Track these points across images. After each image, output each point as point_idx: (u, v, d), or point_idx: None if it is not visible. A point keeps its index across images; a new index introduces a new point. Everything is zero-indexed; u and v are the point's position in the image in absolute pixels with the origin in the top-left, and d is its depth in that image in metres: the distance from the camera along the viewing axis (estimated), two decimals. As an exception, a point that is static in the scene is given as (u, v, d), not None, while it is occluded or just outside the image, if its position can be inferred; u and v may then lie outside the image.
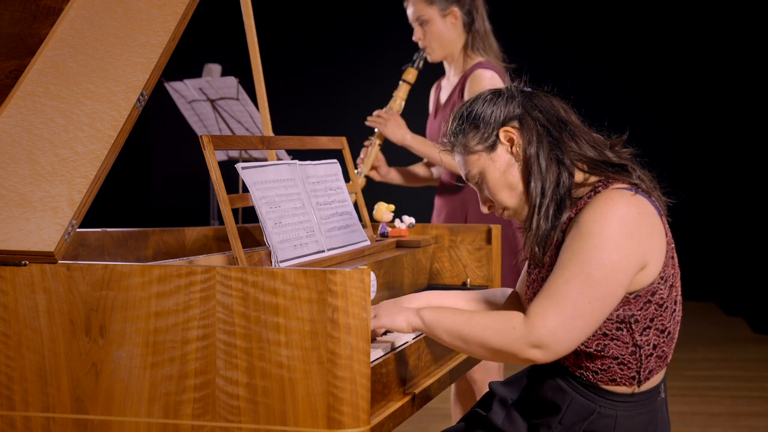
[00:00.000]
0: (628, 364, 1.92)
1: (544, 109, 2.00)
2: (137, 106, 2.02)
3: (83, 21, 2.20)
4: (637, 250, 1.87)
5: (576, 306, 1.83)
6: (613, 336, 1.91)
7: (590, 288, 1.83)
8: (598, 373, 1.94)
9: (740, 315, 7.62)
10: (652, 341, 1.93)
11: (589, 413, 1.94)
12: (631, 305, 1.89)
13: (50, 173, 1.97)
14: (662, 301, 1.92)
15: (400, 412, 1.96)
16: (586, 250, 1.85)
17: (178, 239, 2.85)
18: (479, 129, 2.02)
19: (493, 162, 2.02)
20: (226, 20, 5.85)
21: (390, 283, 2.55)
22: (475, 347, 1.90)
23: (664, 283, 1.92)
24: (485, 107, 2.03)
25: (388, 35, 8.09)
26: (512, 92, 2.04)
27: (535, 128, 1.98)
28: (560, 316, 1.83)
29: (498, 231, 2.90)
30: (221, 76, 5.32)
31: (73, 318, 1.84)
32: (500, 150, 2.02)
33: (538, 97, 2.03)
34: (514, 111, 2.00)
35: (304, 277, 1.74)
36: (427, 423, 4.68)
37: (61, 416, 1.85)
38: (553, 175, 1.95)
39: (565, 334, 1.83)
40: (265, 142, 2.43)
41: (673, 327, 1.96)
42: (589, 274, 1.83)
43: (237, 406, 1.77)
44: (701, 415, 4.85)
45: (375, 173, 3.68)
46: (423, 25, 3.52)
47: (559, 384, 1.97)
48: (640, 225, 1.88)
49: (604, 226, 1.86)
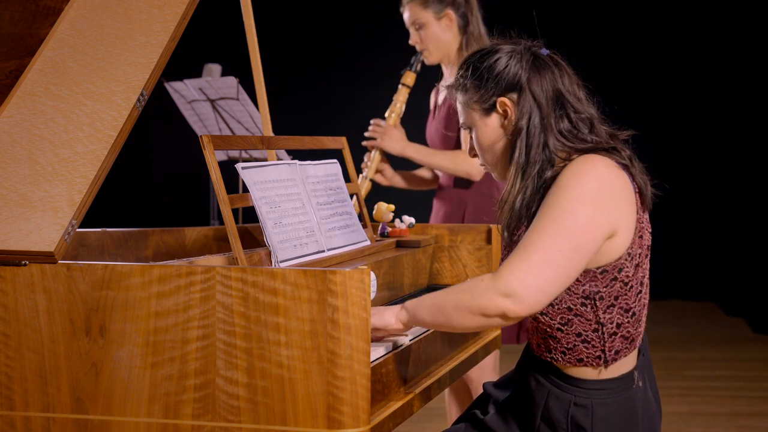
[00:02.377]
0: (592, 342, 1.94)
1: (545, 84, 1.99)
2: (137, 106, 2.02)
3: (83, 21, 2.20)
4: (611, 211, 1.88)
5: (546, 254, 1.83)
6: (577, 311, 1.93)
7: (561, 237, 1.83)
8: (565, 353, 1.96)
9: (740, 315, 7.62)
10: (616, 320, 1.94)
11: (567, 404, 1.95)
12: (597, 281, 1.91)
13: (50, 173, 1.97)
14: (627, 279, 1.93)
15: (400, 412, 1.96)
16: (561, 201, 1.86)
17: (178, 239, 2.85)
18: (480, 89, 2.03)
19: (485, 125, 2.05)
20: (226, 20, 5.85)
21: (390, 283, 2.55)
22: (451, 313, 1.90)
23: (631, 260, 1.93)
24: (494, 66, 2.02)
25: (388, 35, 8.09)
26: (524, 55, 2.02)
27: (532, 104, 1.98)
28: (528, 263, 1.83)
29: (498, 231, 2.90)
30: (221, 76, 5.32)
31: (73, 318, 1.84)
32: (494, 117, 2.03)
33: (545, 67, 2.01)
34: (517, 80, 1.99)
35: (304, 277, 1.74)
36: (427, 423, 4.69)
37: (61, 416, 1.85)
38: (536, 159, 1.96)
39: (533, 280, 1.82)
40: (265, 142, 2.43)
41: (638, 308, 1.97)
42: (561, 223, 1.84)
43: (237, 406, 1.77)
44: (701, 415, 4.85)
45: (380, 177, 3.68)
46: (419, 29, 3.54)
47: (537, 377, 2.00)
48: (617, 189, 1.90)
49: (581, 182, 1.87)
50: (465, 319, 1.90)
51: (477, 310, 1.87)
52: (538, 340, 2.02)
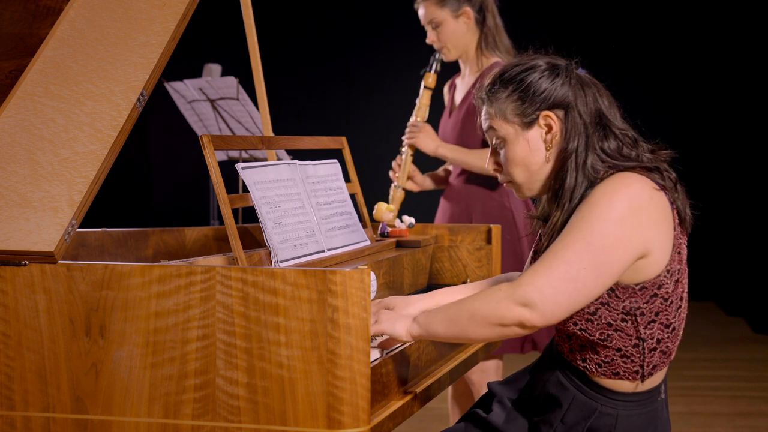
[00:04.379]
0: (632, 357, 1.91)
1: (589, 103, 1.95)
2: (137, 106, 2.02)
3: (83, 21, 2.20)
4: (642, 231, 1.84)
5: (569, 269, 1.79)
6: (617, 327, 1.89)
7: (587, 254, 1.80)
8: (601, 365, 1.93)
9: (740, 315, 7.62)
10: (656, 335, 1.92)
11: (591, 412, 1.93)
12: (637, 297, 1.88)
13: (50, 173, 1.97)
14: (668, 295, 1.90)
15: (400, 412, 1.96)
16: (589, 218, 1.82)
17: (178, 239, 2.85)
18: (524, 102, 1.97)
19: (523, 139, 1.98)
20: (226, 20, 5.85)
21: (390, 283, 2.55)
22: (466, 324, 1.86)
23: (670, 277, 1.90)
24: (540, 82, 1.96)
25: (389, 36, 8.09)
26: (568, 73, 1.98)
27: (579, 124, 1.94)
28: (549, 277, 1.80)
29: (498, 231, 2.90)
30: (221, 76, 5.32)
31: (73, 318, 1.84)
32: (534, 131, 1.98)
33: (587, 86, 1.97)
34: (564, 97, 1.95)
35: (304, 277, 1.74)
36: (427, 423, 4.68)
37: (61, 416, 1.85)
38: (581, 181, 1.92)
39: (553, 294, 1.79)
40: (265, 142, 2.43)
41: (677, 323, 1.95)
42: (589, 241, 1.80)
43: (237, 406, 1.77)
44: (701, 415, 4.85)
45: (412, 184, 3.63)
46: (435, 28, 3.49)
47: (561, 380, 1.97)
48: (650, 209, 1.85)
49: (612, 200, 1.83)
50: (481, 328, 1.86)
51: (495, 319, 1.83)
52: (571, 347, 1.97)
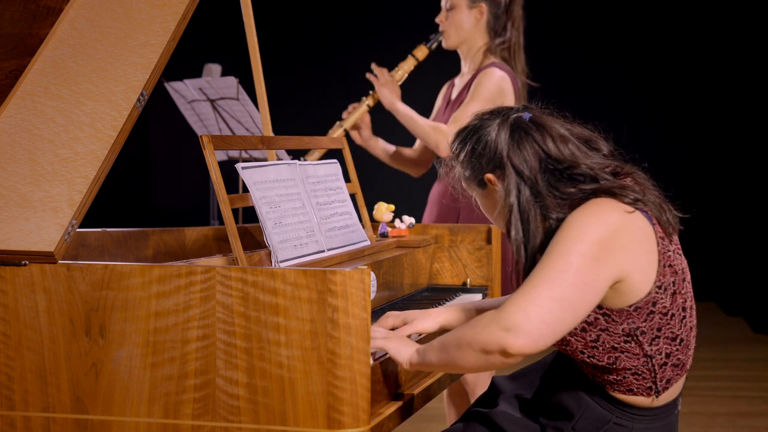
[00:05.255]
0: (643, 374, 1.90)
1: (528, 153, 1.94)
2: (137, 106, 2.02)
3: (83, 21, 2.20)
4: (619, 252, 1.84)
5: (551, 289, 1.79)
6: (622, 349, 1.89)
7: (568, 274, 1.80)
8: (614, 383, 1.92)
9: (740, 315, 7.62)
10: (664, 350, 1.90)
11: (604, 422, 1.92)
12: (634, 318, 1.87)
13: (50, 173, 1.97)
14: (665, 310, 1.89)
15: (400, 412, 1.96)
16: (565, 240, 1.83)
17: (178, 239, 2.85)
18: (470, 165, 2.02)
19: (483, 197, 2.05)
20: (226, 20, 5.85)
21: (390, 283, 2.54)
22: (454, 352, 1.86)
23: (664, 292, 1.89)
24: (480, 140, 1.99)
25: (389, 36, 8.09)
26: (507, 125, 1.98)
27: (516, 180, 1.94)
28: (532, 297, 1.79)
29: (498, 231, 2.90)
30: (221, 76, 5.32)
31: (73, 318, 1.84)
32: (489, 190, 2.01)
33: (527, 135, 1.96)
34: (499, 155, 1.96)
35: (304, 277, 1.74)
36: (427, 423, 4.69)
37: (61, 416, 1.85)
38: (536, 231, 1.92)
39: (538, 314, 1.78)
40: (265, 142, 2.43)
41: (685, 334, 1.93)
42: (567, 260, 1.80)
43: (237, 406, 1.77)
44: (701, 415, 4.85)
45: (357, 135, 3.63)
46: (449, 10, 3.55)
47: (577, 391, 1.96)
48: (624, 231, 1.85)
49: (588, 223, 1.84)
50: (467, 356, 1.84)
51: (478, 346, 1.81)
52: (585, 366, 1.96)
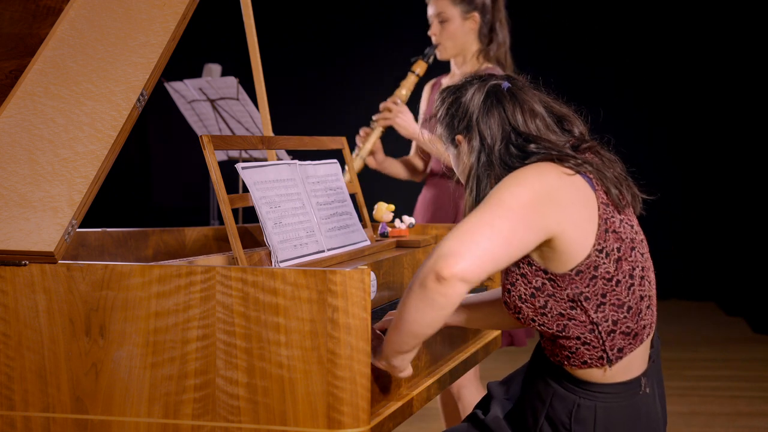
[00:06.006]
0: (591, 343, 1.94)
1: (494, 122, 2.03)
2: (137, 106, 2.03)
3: (83, 21, 2.20)
4: (553, 205, 1.88)
5: (482, 217, 1.84)
6: (569, 316, 1.92)
7: (501, 208, 1.85)
8: (570, 357, 1.96)
9: (740, 315, 7.62)
10: (610, 317, 1.93)
11: (571, 406, 1.95)
12: (576, 282, 1.90)
13: (50, 173, 1.97)
14: (609, 275, 1.92)
15: (400, 412, 1.97)
16: (500, 188, 1.89)
17: (178, 239, 2.85)
18: (446, 126, 2.11)
19: (454, 156, 2.13)
20: (226, 20, 5.85)
21: (390, 283, 2.55)
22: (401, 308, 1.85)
23: (606, 257, 1.91)
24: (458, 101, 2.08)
25: (389, 35, 8.09)
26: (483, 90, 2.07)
27: (478, 145, 2.04)
28: (465, 226, 1.83)
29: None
30: (221, 76, 5.32)
31: (73, 318, 1.84)
32: (460, 149, 2.10)
33: (499, 103, 2.05)
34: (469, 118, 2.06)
35: (304, 277, 1.74)
36: (427, 423, 4.69)
37: (61, 416, 1.85)
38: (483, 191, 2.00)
39: (471, 235, 1.81)
40: (265, 142, 2.43)
41: (634, 302, 1.96)
42: (500, 198, 1.86)
43: (237, 406, 1.77)
44: (701, 415, 4.86)
45: (371, 159, 3.65)
46: (442, 23, 3.56)
47: (546, 379, 2.00)
48: (560, 188, 1.91)
49: (527, 176, 1.90)
50: (410, 301, 1.83)
51: (416, 285, 1.82)
52: (546, 344, 2.03)
